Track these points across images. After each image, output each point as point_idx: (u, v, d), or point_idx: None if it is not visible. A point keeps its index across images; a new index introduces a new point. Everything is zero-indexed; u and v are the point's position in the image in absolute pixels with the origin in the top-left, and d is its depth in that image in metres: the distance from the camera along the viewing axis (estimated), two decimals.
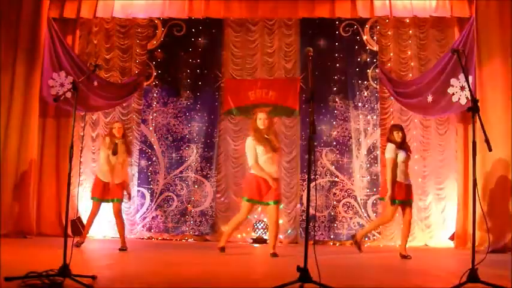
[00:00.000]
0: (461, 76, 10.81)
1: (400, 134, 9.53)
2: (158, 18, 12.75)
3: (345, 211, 12.29)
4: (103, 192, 9.89)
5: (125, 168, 10.17)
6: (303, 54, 12.34)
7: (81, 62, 12.18)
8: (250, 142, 9.34)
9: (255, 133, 9.33)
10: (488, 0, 11.13)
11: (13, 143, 11.65)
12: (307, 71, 12.29)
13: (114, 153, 9.87)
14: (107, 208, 10.37)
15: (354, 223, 12.20)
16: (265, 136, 9.28)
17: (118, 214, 9.92)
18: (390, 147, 9.47)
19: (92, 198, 10.07)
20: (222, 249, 9.45)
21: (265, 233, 12.11)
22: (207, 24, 12.81)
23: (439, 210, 12.05)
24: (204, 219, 12.55)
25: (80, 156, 12.09)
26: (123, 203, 10.20)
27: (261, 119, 9.31)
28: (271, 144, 9.23)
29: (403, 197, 9.42)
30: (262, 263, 8.70)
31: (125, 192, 10.06)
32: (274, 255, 8.98)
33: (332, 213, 12.30)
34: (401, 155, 9.43)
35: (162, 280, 6.14)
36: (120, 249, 9.55)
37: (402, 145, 9.52)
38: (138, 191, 12.66)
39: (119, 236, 9.99)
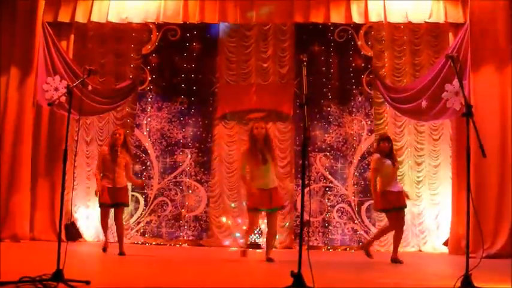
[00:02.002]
0: (456, 82, 10.81)
1: (387, 144, 9.49)
2: (153, 23, 12.73)
3: (339, 216, 12.31)
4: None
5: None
6: (298, 59, 12.35)
7: (75, 67, 12.13)
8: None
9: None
10: (482, 6, 11.15)
11: (7, 147, 11.63)
12: (301, 77, 12.31)
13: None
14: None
15: (348, 228, 12.22)
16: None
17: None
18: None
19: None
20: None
21: (259, 238, 12.11)
22: (202, 29, 12.82)
23: (433, 215, 12.07)
24: (198, 224, 12.57)
25: (74, 161, 12.07)
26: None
27: (257, 128, 9.24)
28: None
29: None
30: (256, 268, 8.69)
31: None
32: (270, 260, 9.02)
33: (326, 219, 12.31)
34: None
35: (155, 285, 6.13)
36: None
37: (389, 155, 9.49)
38: (133, 195, 12.66)
39: (120, 244, 9.88)
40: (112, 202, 9.70)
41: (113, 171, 9.71)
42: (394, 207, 9.35)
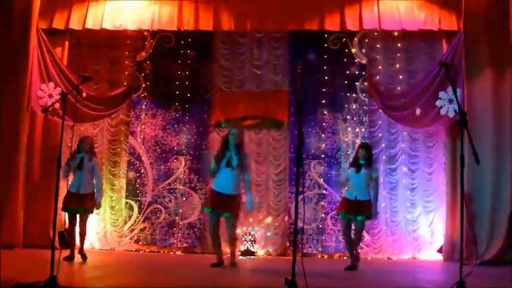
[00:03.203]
0: (450, 89, 10.86)
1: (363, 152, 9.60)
2: (147, 30, 12.71)
3: (333, 224, 12.28)
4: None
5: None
6: (292, 66, 12.39)
7: (70, 73, 12.12)
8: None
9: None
10: (476, 14, 11.19)
11: (1, 154, 11.58)
12: (295, 84, 12.31)
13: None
14: (95, 220, 10.33)
15: (342, 236, 12.20)
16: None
17: None
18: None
19: None
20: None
21: (252, 245, 12.09)
22: (196, 36, 12.81)
23: (428, 223, 12.05)
24: (191, 232, 12.53)
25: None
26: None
27: (233, 134, 9.42)
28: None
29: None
30: (249, 275, 8.68)
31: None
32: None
33: (320, 226, 12.30)
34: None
35: None
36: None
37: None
38: (126, 202, 12.64)
39: (81, 246, 9.94)
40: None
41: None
42: (346, 213, 9.49)
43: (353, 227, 9.57)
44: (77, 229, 9.93)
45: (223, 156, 9.29)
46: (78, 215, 9.90)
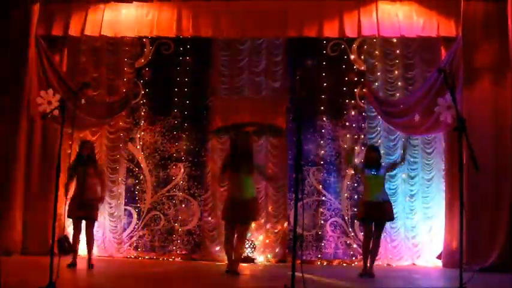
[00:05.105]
0: (448, 95, 10.85)
1: (372, 154, 9.86)
2: (146, 37, 12.70)
3: (332, 230, 12.28)
4: None
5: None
6: (291, 73, 12.38)
7: (69, 80, 12.12)
8: None
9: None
10: (474, 20, 11.22)
11: None
12: (294, 91, 12.32)
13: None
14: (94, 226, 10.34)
15: (341, 242, 12.19)
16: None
17: None
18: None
19: None
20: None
21: (252, 252, 12.07)
22: (195, 43, 12.81)
23: (427, 229, 12.04)
24: (191, 239, 12.51)
25: (68, 175, 11.99)
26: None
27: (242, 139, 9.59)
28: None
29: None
30: (249, 282, 8.67)
31: None
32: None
33: (319, 232, 12.29)
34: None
35: None
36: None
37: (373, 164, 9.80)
38: (125, 209, 12.61)
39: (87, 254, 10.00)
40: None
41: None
42: (369, 217, 9.51)
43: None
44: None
45: (235, 161, 9.56)
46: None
